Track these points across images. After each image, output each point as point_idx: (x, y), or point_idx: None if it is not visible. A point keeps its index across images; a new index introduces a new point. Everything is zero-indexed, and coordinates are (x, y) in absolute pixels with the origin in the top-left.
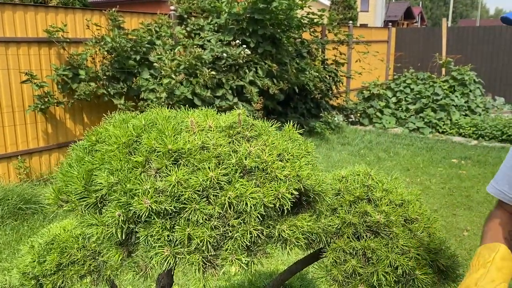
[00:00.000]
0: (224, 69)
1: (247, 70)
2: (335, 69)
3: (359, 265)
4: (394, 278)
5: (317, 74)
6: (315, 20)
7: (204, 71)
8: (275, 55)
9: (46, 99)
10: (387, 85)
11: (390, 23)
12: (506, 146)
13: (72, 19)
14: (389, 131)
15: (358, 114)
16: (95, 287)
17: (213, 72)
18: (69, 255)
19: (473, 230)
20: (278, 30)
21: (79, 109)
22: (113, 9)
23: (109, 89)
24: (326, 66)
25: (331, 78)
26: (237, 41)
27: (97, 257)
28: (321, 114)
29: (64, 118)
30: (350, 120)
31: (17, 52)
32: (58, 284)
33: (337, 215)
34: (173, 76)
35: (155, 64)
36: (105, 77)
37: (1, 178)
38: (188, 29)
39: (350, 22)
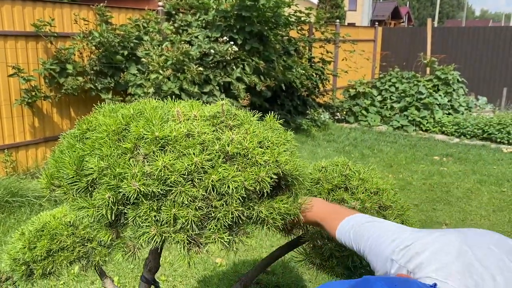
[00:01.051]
0: (211, 65)
1: (234, 67)
2: (321, 67)
3: (336, 248)
4: None
5: (303, 71)
6: (302, 19)
7: (191, 67)
8: (262, 52)
9: (33, 93)
10: (373, 83)
11: (377, 23)
12: (486, 144)
13: (60, 14)
14: (374, 129)
15: (344, 112)
16: (84, 272)
17: (200, 68)
18: (59, 242)
19: (452, 223)
20: (266, 28)
21: (66, 104)
22: (101, 4)
23: (96, 84)
24: (313, 64)
25: (317, 76)
26: (225, 37)
27: (86, 244)
28: (307, 112)
29: (51, 112)
30: (336, 117)
31: (4, 46)
32: (48, 270)
33: None
34: (160, 71)
35: (142, 59)
36: (92, 71)
37: None
38: (176, 25)
39: (337, 20)
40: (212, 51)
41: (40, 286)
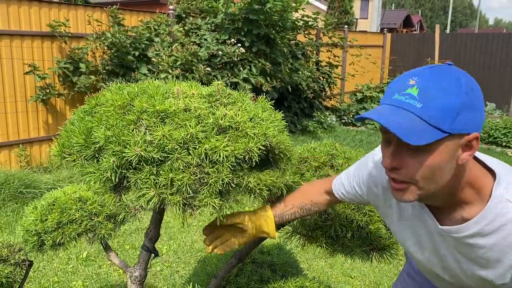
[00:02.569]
0: (219, 66)
1: (241, 68)
2: (328, 71)
3: (320, 219)
4: (351, 231)
5: (309, 74)
6: (310, 23)
7: (199, 67)
8: (269, 54)
9: (47, 91)
10: (381, 88)
11: (385, 29)
12: (492, 147)
13: (74, 15)
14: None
15: (351, 115)
16: (91, 244)
17: (208, 69)
18: (68, 215)
19: None
20: (273, 31)
21: (79, 101)
22: (114, 7)
23: (108, 83)
24: (320, 68)
25: (324, 79)
26: (232, 39)
27: (93, 218)
28: (314, 114)
29: (64, 109)
30: (343, 121)
31: (21, 45)
32: (57, 241)
33: (304, 178)
34: (169, 71)
35: (153, 59)
36: (104, 71)
37: (2, 165)
38: (186, 28)
39: (346, 26)
40: (220, 52)
41: (50, 269)
